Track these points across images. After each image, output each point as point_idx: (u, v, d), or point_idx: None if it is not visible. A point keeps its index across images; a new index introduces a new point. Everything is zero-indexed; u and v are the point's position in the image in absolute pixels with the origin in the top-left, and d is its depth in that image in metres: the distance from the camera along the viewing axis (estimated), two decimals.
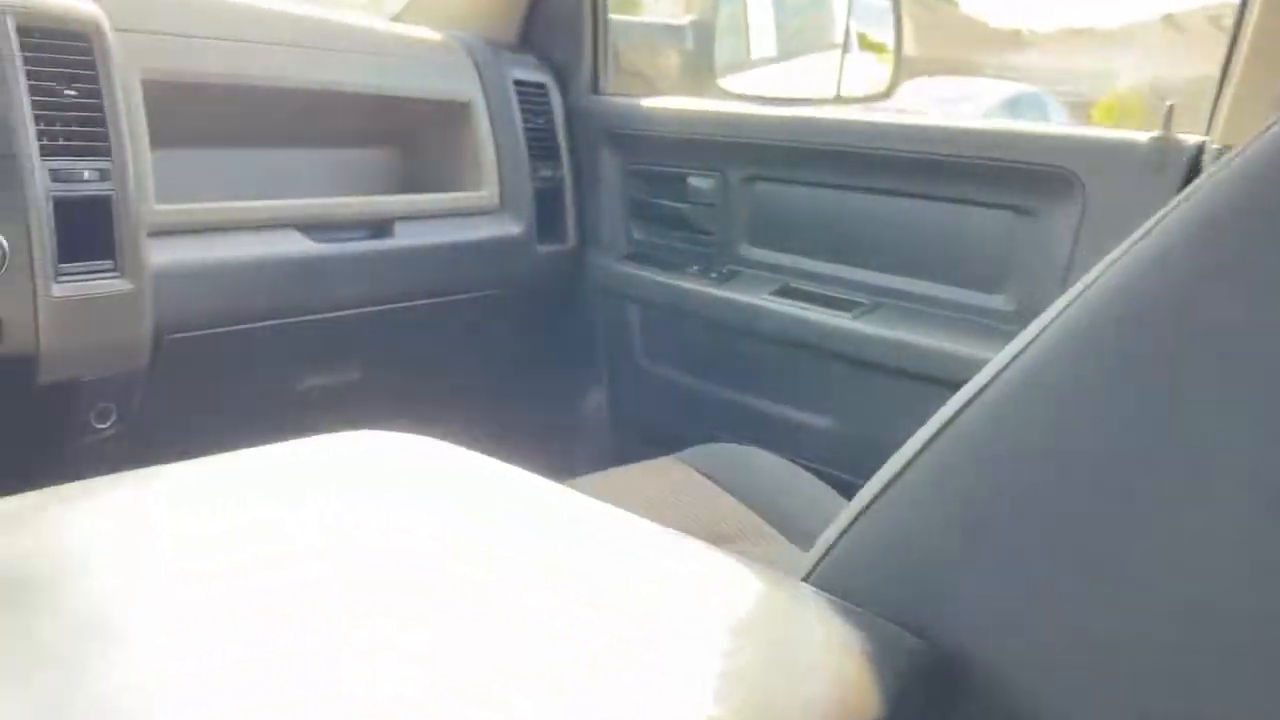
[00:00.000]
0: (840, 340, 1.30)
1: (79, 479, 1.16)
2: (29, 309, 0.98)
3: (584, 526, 0.55)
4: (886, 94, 1.37)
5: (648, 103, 1.55)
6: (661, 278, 1.52)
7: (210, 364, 1.23)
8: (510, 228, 1.51)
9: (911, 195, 1.27)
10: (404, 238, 1.38)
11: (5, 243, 0.95)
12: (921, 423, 0.51)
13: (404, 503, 0.54)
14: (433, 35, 1.51)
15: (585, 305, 1.63)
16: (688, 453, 1.27)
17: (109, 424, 1.14)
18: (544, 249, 1.56)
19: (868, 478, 0.52)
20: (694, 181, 1.49)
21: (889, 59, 1.40)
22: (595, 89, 1.62)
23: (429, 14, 1.62)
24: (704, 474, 1.22)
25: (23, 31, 0.99)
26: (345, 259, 1.32)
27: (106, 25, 1.06)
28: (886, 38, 1.40)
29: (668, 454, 1.26)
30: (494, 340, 1.59)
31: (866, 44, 1.59)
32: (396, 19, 1.69)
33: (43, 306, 0.99)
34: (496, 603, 0.43)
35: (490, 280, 1.51)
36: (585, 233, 1.62)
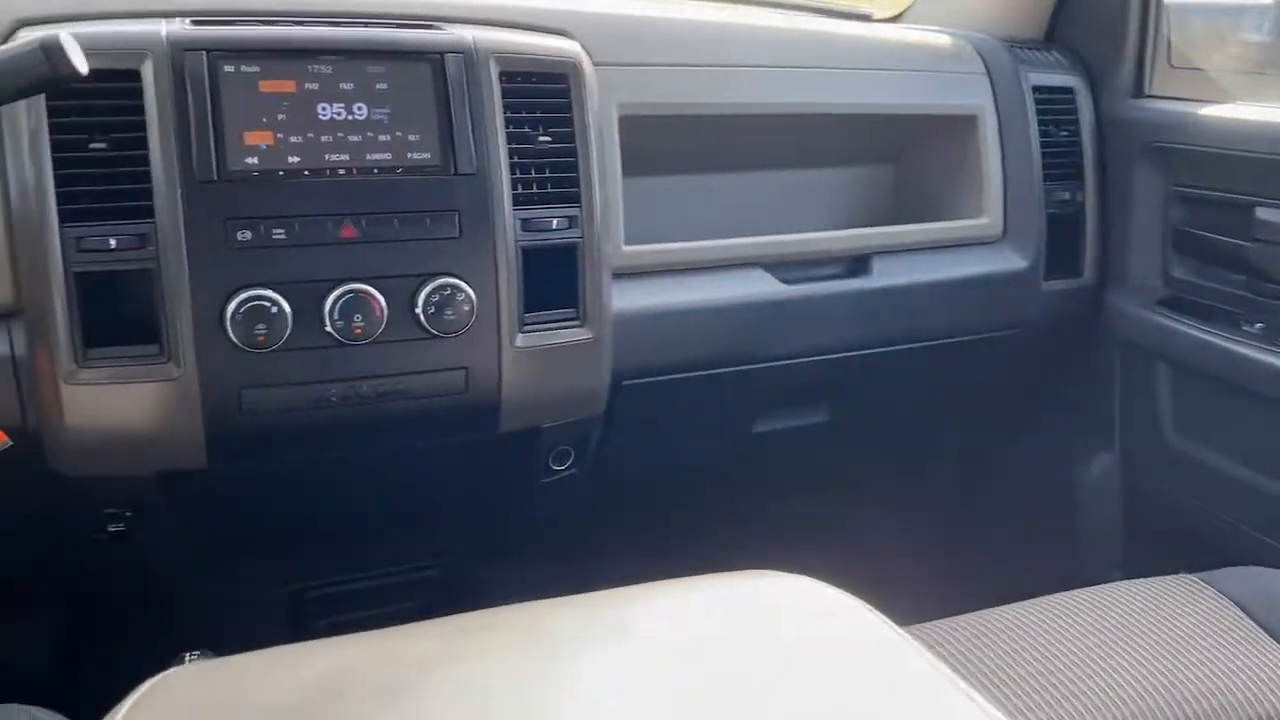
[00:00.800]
0: None
1: (540, 517, 1.17)
2: (494, 360, 0.98)
3: None
4: None
5: (1208, 110, 1.23)
6: (1207, 334, 1.21)
7: (666, 407, 1.18)
8: (1012, 261, 1.29)
9: None
10: (882, 276, 1.22)
11: (474, 295, 0.95)
12: None
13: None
14: (938, 38, 1.32)
15: (1099, 356, 1.36)
16: (1220, 573, 1.03)
17: (567, 466, 1.13)
18: (1051, 286, 1.32)
19: None
20: (1265, 215, 1.16)
21: None
22: (1138, 91, 1.32)
23: (940, 12, 1.43)
24: (1239, 605, 0.98)
25: (505, 77, 0.98)
26: (816, 301, 1.19)
27: (586, 63, 1.03)
28: None
29: (1190, 561, 1.05)
30: (983, 391, 1.39)
31: None
32: (900, 18, 1.52)
33: (506, 357, 0.99)
34: None
35: (982, 323, 1.31)
36: (1106, 268, 1.34)
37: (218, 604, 1.16)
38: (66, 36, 0.74)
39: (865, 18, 1.54)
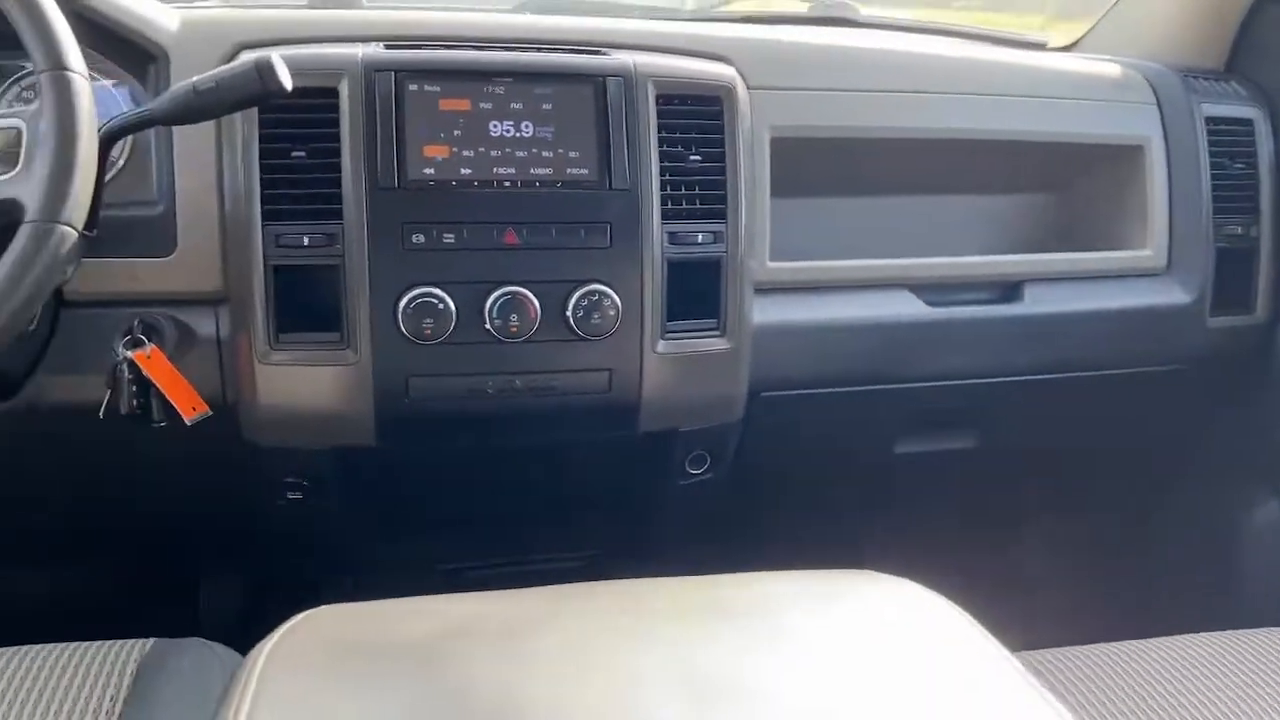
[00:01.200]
0: None
1: (676, 517, 1.23)
2: (636, 364, 1.04)
3: None
4: None
5: None
6: None
7: (803, 421, 1.21)
8: (1175, 295, 1.25)
9: None
10: (1035, 303, 1.21)
11: (620, 302, 1.01)
12: None
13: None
14: (1106, 67, 1.30)
15: (1269, 395, 1.30)
16: None
17: (703, 470, 1.18)
18: (1217, 322, 1.27)
19: None
20: None
21: None
22: None
23: (1116, 41, 1.41)
24: None
25: (661, 99, 1.04)
26: (962, 324, 1.20)
27: (740, 87, 1.08)
28: None
29: None
30: (1142, 425, 1.35)
31: None
32: (1076, 46, 1.50)
33: (648, 362, 1.05)
34: None
35: (1141, 357, 1.27)
36: None
37: (379, 573, 1.27)
38: (276, 58, 0.85)
39: (1040, 45, 1.53)
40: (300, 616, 0.60)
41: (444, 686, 0.53)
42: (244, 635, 0.85)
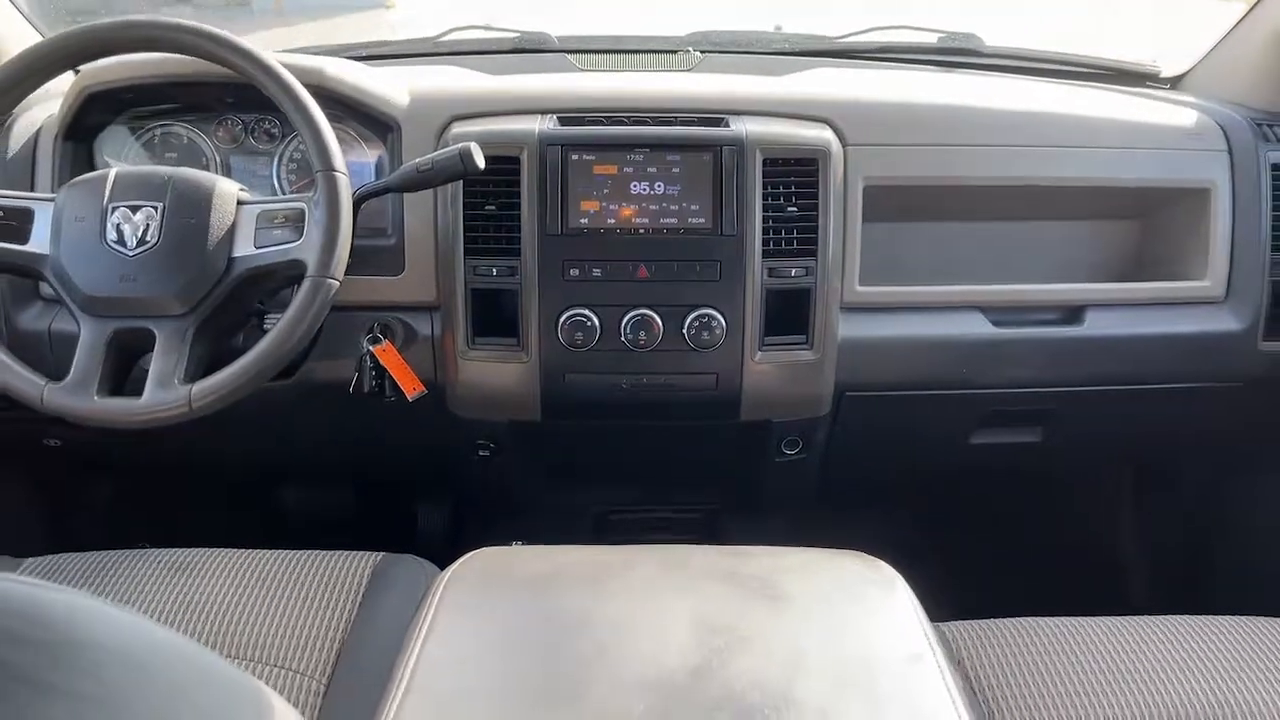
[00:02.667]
0: None
1: (776, 492, 1.57)
2: (737, 369, 1.34)
3: None
4: None
5: None
6: None
7: (885, 416, 1.47)
8: (1228, 323, 1.42)
9: None
10: (1095, 327, 1.41)
11: (726, 323, 1.31)
12: None
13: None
14: (1186, 116, 1.46)
15: None
16: None
17: (796, 452, 1.47)
18: (1269, 346, 1.43)
19: None
20: None
21: None
22: None
23: (1211, 81, 1.56)
24: None
25: (768, 163, 1.31)
26: (1027, 343, 1.41)
27: (834, 148, 1.34)
28: None
29: None
30: (1189, 437, 1.52)
31: None
32: (1182, 80, 1.64)
33: (747, 369, 1.34)
34: None
35: (1194, 375, 1.45)
36: None
37: (546, 512, 1.64)
38: (475, 147, 1.19)
39: (1154, 75, 1.68)
40: (469, 555, 0.95)
41: (551, 605, 0.87)
42: (445, 554, 1.22)
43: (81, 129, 1.37)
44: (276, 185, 1.43)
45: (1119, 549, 1.78)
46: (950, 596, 1.19)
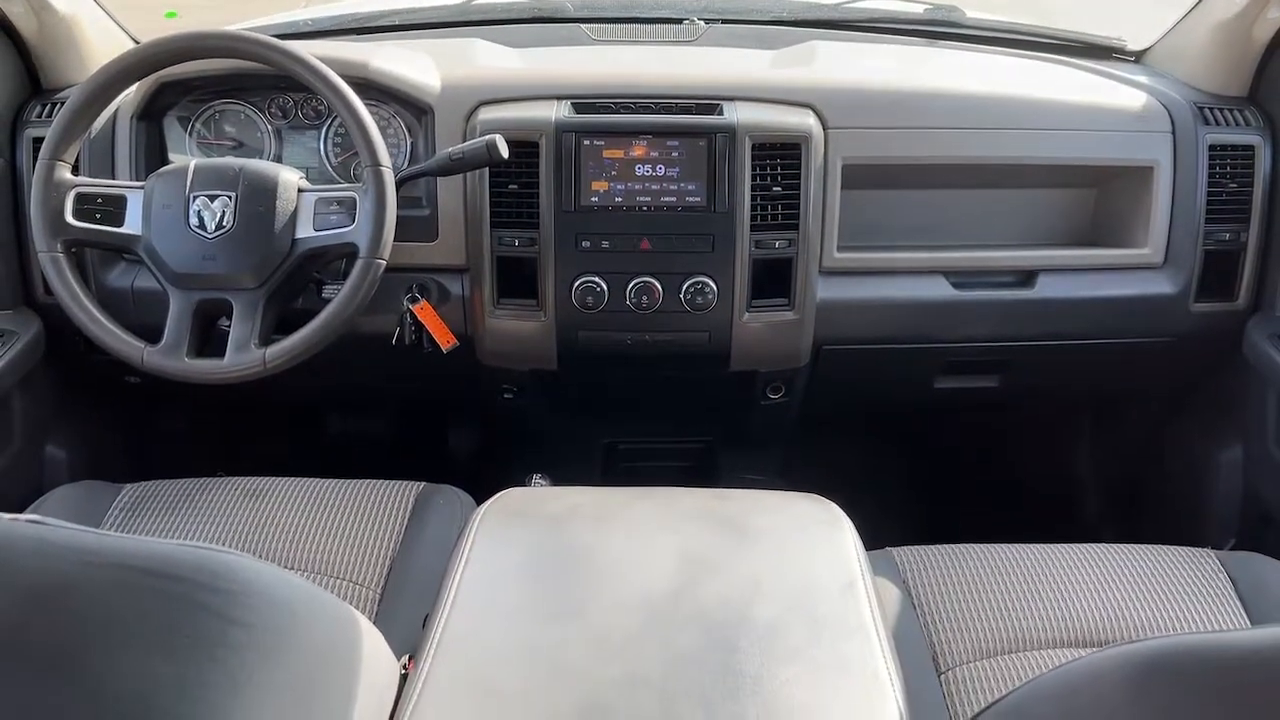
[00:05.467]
0: None
1: (762, 427, 1.81)
2: (727, 329, 1.54)
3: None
4: None
5: None
6: None
7: (857, 365, 1.67)
8: (1164, 286, 1.60)
9: None
10: (1045, 289, 1.59)
11: (717, 289, 1.51)
12: None
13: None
14: (1135, 99, 1.62)
15: (1237, 368, 1.64)
16: (1237, 554, 1.34)
17: (780, 396, 1.69)
18: (1199, 308, 1.61)
19: None
20: None
21: None
22: None
23: (1169, 60, 1.72)
24: (1233, 581, 1.28)
25: (756, 148, 1.49)
26: (984, 305, 1.60)
27: (816, 133, 1.51)
28: None
29: None
30: (1129, 384, 1.72)
31: None
32: (1145, 55, 1.79)
33: (736, 327, 1.54)
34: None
35: (1132, 331, 1.64)
36: (1260, 297, 1.61)
37: (563, 444, 1.87)
38: (500, 140, 1.38)
39: (1120, 49, 1.83)
40: (500, 495, 1.17)
41: (565, 538, 1.08)
42: (476, 481, 1.45)
43: (153, 110, 1.56)
44: (323, 155, 1.62)
45: (1066, 481, 2.01)
46: (911, 522, 1.41)
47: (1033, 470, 2.07)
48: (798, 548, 1.09)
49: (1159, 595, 1.25)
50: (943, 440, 2.06)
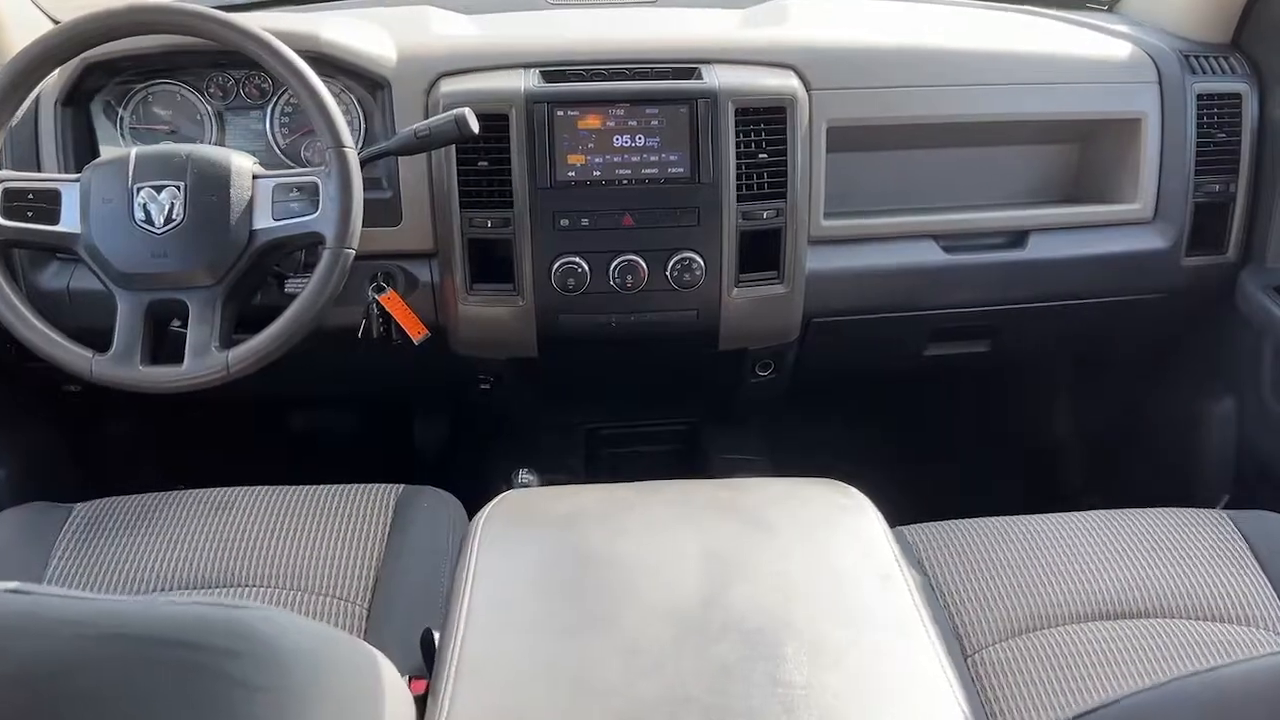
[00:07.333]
0: None
1: (748, 405, 1.74)
2: (716, 306, 1.47)
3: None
4: None
5: None
6: None
7: (849, 336, 1.61)
8: (1155, 241, 1.57)
9: None
10: (1036, 250, 1.54)
11: (704, 264, 1.43)
12: None
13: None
14: (1120, 49, 1.57)
15: (1230, 320, 1.62)
16: (1247, 513, 1.31)
17: (769, 373, 1.62)
18: (1190, 261, 1.58)
19: None
20: None
21: None
22: None
23: (1146, 8, 1.66)
24: (1247, 540, 1.26)
25: (739, 113, 1.41)
26: (975, 268, 1.55)
27: (800, 96, 1.44)
28: None
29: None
30: (1119, 342, 1.69)
31: None
32: (1115, 6, 1.75)
33: (724, 304, 1.47)
34: None
35: (1125, 288, 1.60)
36: (1250, 249, 1.58)
37: (543, 434, 1.79)
38: (469, 113, 1.28)
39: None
40: (498, 498, 1.09)
41: (576, 543, 1.01)
42: (454, 480, 1.36)
43: (79, 95, 1.43)
44: (271, 138, 1.50)
45: (1056, 442, 1.98)
46: (909, 494, 1.35)
47: (1023, 433, 2.04)
48: (825, 540, 1.03)
49: (1176, 560, 1.22)
50: (933, 410, 2.01)
